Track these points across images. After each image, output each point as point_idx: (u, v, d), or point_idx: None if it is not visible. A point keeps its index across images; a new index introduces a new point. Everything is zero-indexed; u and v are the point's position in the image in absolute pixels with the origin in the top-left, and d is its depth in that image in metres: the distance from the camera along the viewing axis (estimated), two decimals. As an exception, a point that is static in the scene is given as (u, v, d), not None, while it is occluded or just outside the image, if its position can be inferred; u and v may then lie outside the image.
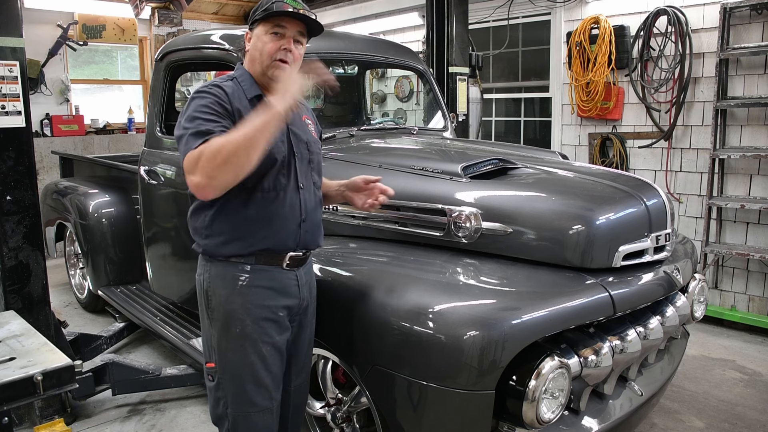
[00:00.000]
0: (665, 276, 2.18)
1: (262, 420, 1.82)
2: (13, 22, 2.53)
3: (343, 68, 3.71)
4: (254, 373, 1.78)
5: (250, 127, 1.51)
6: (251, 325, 1.77)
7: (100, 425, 2.94)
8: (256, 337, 1.78)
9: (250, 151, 1.51)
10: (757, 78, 4.04)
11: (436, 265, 2.12)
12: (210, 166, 1.51)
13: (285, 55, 1.75)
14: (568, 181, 2.35)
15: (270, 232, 1.76)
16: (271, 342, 1.80)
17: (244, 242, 1.75)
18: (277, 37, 1.75)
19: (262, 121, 1.52)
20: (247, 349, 1.77)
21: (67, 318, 4.17)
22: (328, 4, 6.91)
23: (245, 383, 1.79)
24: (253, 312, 1.77)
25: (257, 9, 1.77)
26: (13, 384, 1.61)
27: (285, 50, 1.75)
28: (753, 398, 3.18)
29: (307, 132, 1.90)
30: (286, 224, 1.79)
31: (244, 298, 1.77)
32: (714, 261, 4.29)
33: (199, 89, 1.73)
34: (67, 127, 6.40)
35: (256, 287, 1.78)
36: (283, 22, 1.74)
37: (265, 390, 1.81)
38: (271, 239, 1.77)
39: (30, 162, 2.65)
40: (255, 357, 1.78)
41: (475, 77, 5.14)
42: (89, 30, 6.56)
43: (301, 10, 1.74)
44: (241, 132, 1.51)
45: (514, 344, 1.71)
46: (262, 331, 1.78)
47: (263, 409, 1.81)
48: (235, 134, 1.52)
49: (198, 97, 1.70)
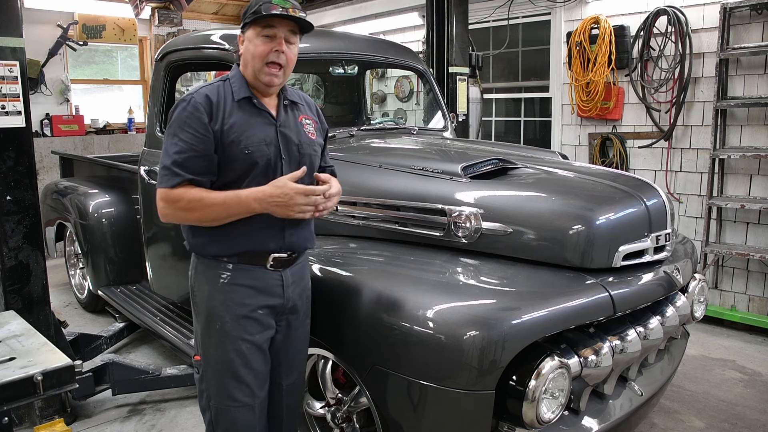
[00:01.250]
0: (665, 276, 2.18)
1: (241, 415, 1.84)
2: (13, 22, 2.53)
3: (343, 68, 3.71)
4: (234, 369, 1.81)
5: (224, 210, 1.70)
6: (230, 323, 1.80)
7: (100, 425, 2.94)
8: (236, 335, 1.80)
9: (216, 222, 1.74)
10: (757, 78, 4.04)
11: (436, 265, 2.12)
12: (181, 215, 1.74)
13: (277, 57, 1.76)
14: (568, 181, 2.35)
15: (250, 236, 1.77)
16: (251, 340, 1.82)
17: (225, 244, 1.78)
18: (269, 40, 1.76)
19: (235, 211, 1.71)
20: (227, 346, 1.80)
21: (67, 318, 4.17)
22: (328, 4, 6.91)
23: (225, 378, 1.82)
24: (233, 309, 1.80)
25: (247, 11, 1.78)
26: (13, 384, 1.61)
27: (277, 52, 1.76)
28: (753, 398, 3.18)
29: (300, 133, 1.89)
30: (267, 228, 1.79)
31: (224, 296, 1.80)
32: (714, 261, 4.29)
33: (186, 98, 1.77)
34: (67, 127, 6.40)
35: (237, 285, 1.80)
36: (273, 23, 1.75)
37: (245, 387, 1.83)
38: (251, 242, 1.79)
39: (30, 162, 2.65)
40: (234, 354, 1.80)
41: (475, 77, 5.14)
42: (89, 30, 6.56)
43: (290, 9, 1.74)
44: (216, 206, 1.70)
45: (514, 344, 1.71)
46: (242, 328, 1.80)
47: (243, 405, 1.84)
48: (211, 206, 1.70)
49: (183, 108, 1.74)
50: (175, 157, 1.70)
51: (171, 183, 1.70)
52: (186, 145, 1.71)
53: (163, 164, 1.72)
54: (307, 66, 3.73)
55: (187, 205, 1.70)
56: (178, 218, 1.75)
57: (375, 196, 2.40)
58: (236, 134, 1.74)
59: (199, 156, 1.71)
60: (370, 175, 2.49)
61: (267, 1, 1.73)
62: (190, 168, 1.70)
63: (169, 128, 1.76)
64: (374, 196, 2.40)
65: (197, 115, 1.72)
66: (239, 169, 1.75)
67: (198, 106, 1.73)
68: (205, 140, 1.72)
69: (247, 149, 1.74)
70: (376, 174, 2.49)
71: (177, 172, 1.69)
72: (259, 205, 1.69)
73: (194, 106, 1.73)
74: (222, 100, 1.76)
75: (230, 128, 1.74)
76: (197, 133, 1.71)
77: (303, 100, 2.00)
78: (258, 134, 1.78)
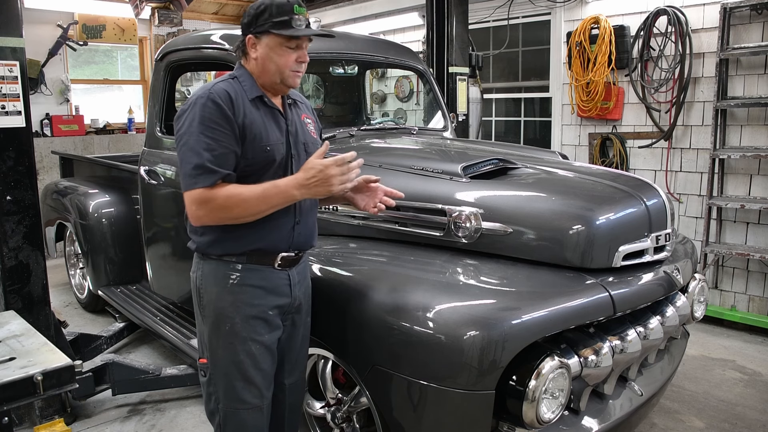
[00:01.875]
0: (665, 276, 2.18)
1: (251, 417, 1.84)
2: (13, 22, 2.53)
3: (343, 68, 3.71)
4: (243, 370, 1.80)
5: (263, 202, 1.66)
6: (240, 324, 1.79)
7: (100, 425, 2.94)
8: (245, 336, 1.79)
9: (255, 216, 1.69)
10: (757, 78, 4.04)
11: (436, 265, 2.12)
12: (219, 214, 1.67)
13: (300, 66, 1.79)
14: (568, 181, 2.35)
15: (262, 234, 1.77)
16: (261, 340, 1.82)
17: (235, 242, 1.77)
18: (293, 50, 1.76)
19: (275, 202, 1.67)
20: (237, 347, 1.79)
21: (67, 318, 4.17)
22: (328, 4, 6.91)
23: (234, 380, 1.81)
24: (242, 310, 1.79)
25: (261, 14, 1.73)
26: (13, 384, 1.61)
27: (300, 62, 1.78)
28: (753, 398, 3.18)
29: (306, 132, 1.91)
30: (280, 226, 1.79)
31: (234, 297, 1.79)
32: (714, 261, 4.29)
33: (204, 94, 1.71)
34: (67, 127, 6.40)
35: (247, 286, 1.79)
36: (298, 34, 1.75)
37: (254, 388, 1.82)
38: (263, 240, 1.78)
39: (30, 162, 2.65)
40: (244, 355, 1.80)
41: (475, 77, 5.14)
42: (89, 30, 6.56)
43: (305, 15, 1.75)
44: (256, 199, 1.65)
45: (514, 344, 1.71)
46: (252, 329, 1.80)
47: (252, 407, 1.83)
48: (249, 200, 1.65)
49: (204, 105, 1.68)
50: (206, 155, 1.64)
51: (209, 182, 1.64)
52: (215, 142, 1.66)
53: (195, 163, 1.65)
54: (308, 66, 3.72)
55: (225, 202, 1.65)
56: (214, 219, 1.68)
57: (375, 196, 2.40)
58: (257, 131, 1.73)
59: (229, 152, 1.68)
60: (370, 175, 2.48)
61: (288, 10, 1.71)
62: (223, 164, 1.66)
63: (190, 127, 1.68)
64: (374, 196, 2.40)
65: (220, 110, 1.68)
66: (257, 166, 1.74)
67: (218, 101, 1.69)
68: (232, 135, 1.69)
69: (268, 146, 1.74)
70: (376, 174, 2.48)
71: (213, 170, 1.64)
72: (299, 191, 1.65)
73: (215, 101, 1.69)
74: (240, 95, 1.75)
75: (251, 125, 1.73)
76: (224, 129, 1.68)
77: (301, 99, 2.02)
78: (275, 132, 1.79)
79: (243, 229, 1.74)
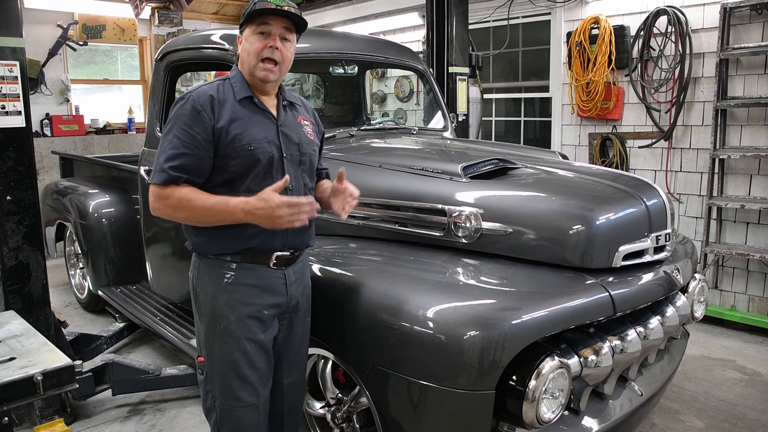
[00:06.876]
0: (665, 276, 2.18)
1: (246, 415, 1.85)
2: (13, 22, 2.53)
3: (343, 68, 3.71)
4: (238, 369, 1.81)
5: (210, 214, 1.71)
6: (235, 323, 1.80)
7: (100, 425, 2.94)
8: (240, 335, 1.80)
9: (202, 224, 1.76)
10: (757, 78, 4.04)
11: (436, 265, 2.12)
12: (170, 212, 1.74)
13: (271, 53, 1.77)
14: (568, 181, 2.35)
15: (255, 233, 1.77)
16: (255, 339, 1.82)
17: (229, 242, 1.78)
18: (264, 37, 1.77)
19: (222, 217, 1.71)
20: (231, 346, 1.81)
21: (67, 318, 4.16)
22: (328, 4, 6.91)
23: (230, 379, 1.82)
24: (237, 309, 1.80)
25: (246, 11, 1.79)
26: (13, 384, 1.61)
27: (271, 48, 1.77)
28: (753, 398, 3.18)
29: (300, 133, 1.91)
30: None
31: (229, 296, 1.80)
32: (714, 261, 4.29)
33: (185, 97, 1.77)
34: (67, 127, 6.40)
35: (242, 285, 1.80)
36: (268, 20, 1.76)
37: (250, 386, 1.83)
38: (256, 240, 1.79)
39: (30, 162, 2.65)
40: (239, 354, 1.81)
41: (475, 77, 5.14)
42: (89, 30, 6.56)
43: (285, 7, 1.75)
44: (203, 209, 1.70)
45: (514, 344, 1.71)
46: (246, 328, 1.81)
47: (248, 405, 1.84)
48: (197, 209, 1.70)
49: (182, 107, 1.75)
50: (170, 153, 1.71)
51: (161, 180, 1.71)
52: (181, 143, 1.71)
53: (158, 160, 1.73)
54: (307, 66, 3.73)
55: (176, 203, 1.71)
56: (166, 214, 1.75)
57: (375, 196, 2.40)
58: (239, 131, 1.75)
59: (193, 156, 1.71)
60: (370, 175, 2.49)
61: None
62: (182, 167, 1.71)
63: (167, 125, 1.77)
64: (374, 196, 2.40)
65: (195, 114, 1.72)
66: (241, 166, 1.75)
67: (197, 104, 1.73)
68: (201, 140, 1.72)
69: (250, 146, 1.75)
70: (376, 174, 2.49)
71: (168, 170, 1.70)
72: (245, 215, 1.68)
73: (193, 104, 1.73)
74: (224, 97, 1.77)
75: (232, 125, 1.74)
76: (194, 133, 1.72)
77: (300, 101, 2.01)
78: (260, 132, 1.79)
79: (237, 229, 1.75)
